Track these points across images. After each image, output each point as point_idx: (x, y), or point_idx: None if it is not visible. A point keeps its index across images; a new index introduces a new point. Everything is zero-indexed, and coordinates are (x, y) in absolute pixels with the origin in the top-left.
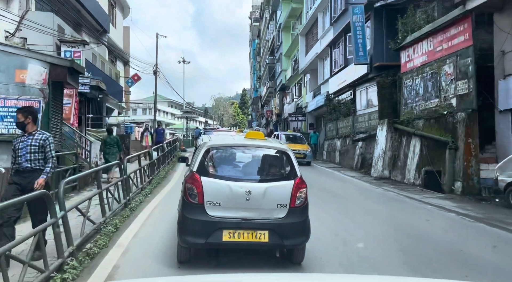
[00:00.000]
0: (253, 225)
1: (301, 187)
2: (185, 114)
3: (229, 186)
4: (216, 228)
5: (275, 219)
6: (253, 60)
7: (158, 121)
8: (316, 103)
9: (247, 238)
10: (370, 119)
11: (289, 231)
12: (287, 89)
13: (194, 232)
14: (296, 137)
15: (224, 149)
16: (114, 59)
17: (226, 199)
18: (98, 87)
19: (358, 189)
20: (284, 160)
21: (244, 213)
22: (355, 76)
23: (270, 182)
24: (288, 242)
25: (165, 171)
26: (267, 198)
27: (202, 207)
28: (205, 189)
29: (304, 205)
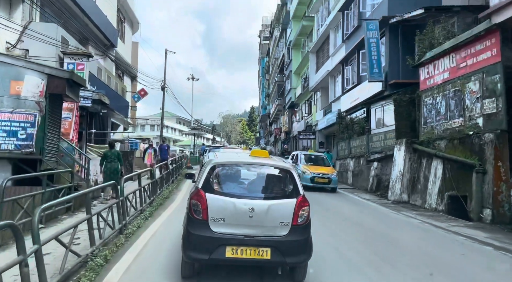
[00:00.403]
0: (256, 242)
1: (304, 205)
2: (193, 131)
3: (233, 202)
4: (219, 244)
5: (277, 236)
6: (262, 78)
7: (162, 137)
8: (327, 121)
9: (250, 254)
10: (386, 138)
11: (291, 249)
12: (296, 107)
13: (198, 247)
14: (318, 158)
15: (230, 167)
16: (121, 74)
17: (230, 216)
18: (101, 101)
19: (377, 215)
20: (287, 178)
21: (247, 230)
22: (369, 94)
23: (273, 199)
24: (290, 260)
25: (168, 190)
26: (270, 215)
27: (206, 223)
28: (209, 205)
29: (306, 223)
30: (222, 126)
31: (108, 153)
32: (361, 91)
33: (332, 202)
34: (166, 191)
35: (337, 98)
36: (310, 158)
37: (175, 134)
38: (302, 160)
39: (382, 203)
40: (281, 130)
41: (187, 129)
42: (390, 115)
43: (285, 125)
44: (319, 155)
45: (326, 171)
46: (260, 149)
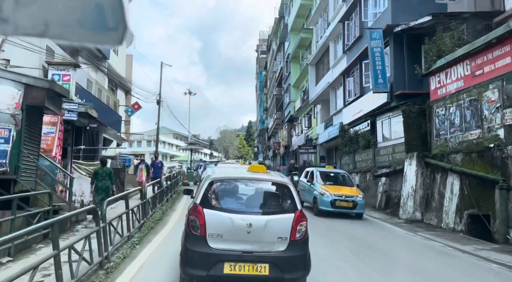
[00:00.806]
0: (254, 257)
1: (301, 220)
2: (190, 146)
3: (231, 218)
4: (217, 260)
5: (275, 252)
6: (259, 92)
7: (154, 153)
8: (328, 135)
9: (248, 271)
10: (395, 152)
11: (289, 264)
12: (295, 121)
13: (196, 264)
14: (338, 176)
15: (227, 182)
16: (114, 87)
17: (227, 231)
18: (88, 114)
19: (393, 237)
20: (285, 193)
21: (245, 246)
22: (373, 106)
23: (271, 214)
24: (288, 276)
25: (162, 211)
26: (268, 230)
27: (204, 239)
28: (207, 221)
29: (304, 238)
30: (220, 141)
31: (99, 170)
32: (364, 103)
33: (340, 222)
34: (159, 211)
35: (338, 111)
36: (329, 176)
37: (172, 150)
38: (319, 179)
39: (394, 222)
40: (280, 144)
41: (184, 145)
42: (398, 127)
43: (284, 139)
44: (339, 172)
45: (350, 192)
46: (258, 164)
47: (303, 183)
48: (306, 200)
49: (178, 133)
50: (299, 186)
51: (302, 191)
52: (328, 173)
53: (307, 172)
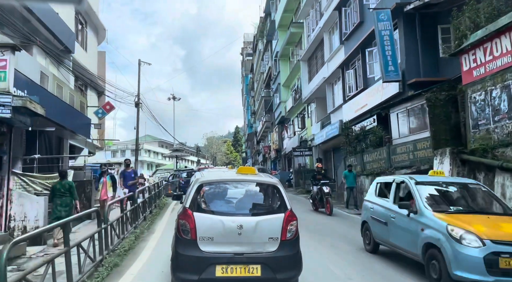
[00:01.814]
0: (246, 259)
1: (291, 220)
2: (175, 153)
3: (221, 220)
4: (209, 264)
5: (266, 252)
6: (246, 95)
7: (125, 160)
8: (326, 134)
9: (240, 273)
10: (417, 149)
11: (281, 264)
12: (287, 122)
13: (187, 268)
14: (464, 194)
15: (216, 184)
16: (83, 87)
17: (218, 234)
18: (30, 111)
19: None
20: (274, 193)
21: (236, 248)
22: (381, 98)
23: (261, 215)
24: (280, 276)
25: (135, 235)
26: (259, 231)
27: (195, 243)
28: (197, 224)
29: (295, 238)
30: (207, 148)
31: (57, 185)
32: (370, 96)
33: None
34: (131, 237)
35: (337, 108)
36: (446, 194)
37: (157, 158)
38: (427, 200)
39: None
40: (270, 148)
41: (168, 152)
42: (419, 120)
43: (275, 142)
44: (465, 182)
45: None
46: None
47: (377, 206)
48: (392, 243)
49: (163, 141)
50: (363, 210)
51: (375, 222)
52: (442, 184)
53: (384, 184)
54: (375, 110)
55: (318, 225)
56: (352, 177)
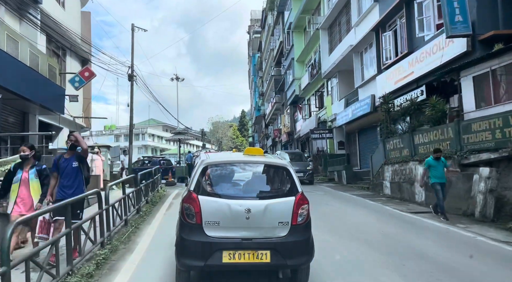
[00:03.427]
0: (254, 244)
1: (303, 203)
2: (177, 136)
3: (228, 204)
4: (215, 249)
5: (276, 237)
6: (253, 77)
7: (69, 134)
8: (352, 113)
9: (248, 258)
10: (509, 125)
11: (291, 250)
12: (300, 102)
13: (193, 254)
14: None
15: (222, 166)
16: (59, 51)
17: (225, 218)
18: None
19: None
20: (284, 176)
21: (244, 233)
22: (440, 61)
23: (270, 199)
24: (291, 262)
25: (96, 261)
26: (268, 215)
27: (201, 227)
28: (203, 208)
29: (306, 222)
30: (213, 133)
31: (17, 165)
32: (418, 62)
33: (439, 250)
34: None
35: (368, 81)
36: None
37: (161, 143)
38: None
39: None
40: (281, 131)
41: (170, 135)
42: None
43: (286, 125)
44: None
45: None
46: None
47: None
48: None
49: (168, 125)
50: None
51: None
52: None
53: None
54: (436, 75)
55: None
56: (443, 168)
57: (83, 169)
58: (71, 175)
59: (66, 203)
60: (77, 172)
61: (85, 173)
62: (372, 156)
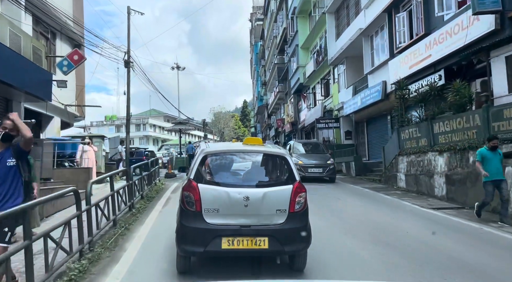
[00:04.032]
0: (252, 231)
1: (300, 191)
2: (177, 126)
3: (227, 192)
4: (214, 236)
5: (274, 224)
6: (255, 66)
7: (4, 122)
8: (362, 101)
9: (247, 245)
10: None
11: (289, 237)
12: (305, 90)
13: (193, 240)
14: None
15: (222, 155)
16: (48, 34)
17: (224, 206)
18: None
19: None
20: (282, 165)
21: (243, 220)
22: (464, 41)
23: (268, 187)
24: (288, 248)
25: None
26: (266, 203)
27: (200, 215)
28: (202, 196)
29: (303, 210)
30: (215, 123)
31: None
32: (437, 43)
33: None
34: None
35: (379, 66)
36: None
37: (163, 134)
38: None
39: None
40: (284, 121)
41: (170, 125)
42: None
43: (290, 115)
44: None
45: None
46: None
47: None
48: None
49: (169, 116)
50: None
51: None
52: None
53: None
54: (460, 56)
55: None
56: (499, 161)
57: (22, 169)
58: (2, 178)
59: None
60: (13, 173)
61: (25, 175)
62: (385, 147)
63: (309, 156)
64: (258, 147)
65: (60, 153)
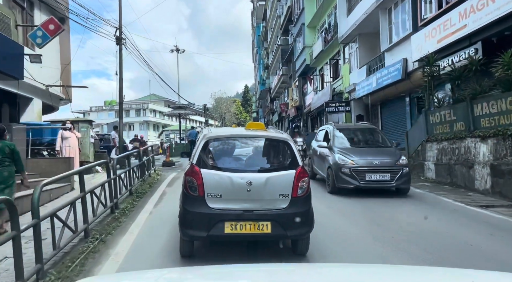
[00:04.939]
0: (255, 216)
1: (303, 176)
2: (177, 111)
3: (229, 177)
4: (217, 220)
5: (277, 209)
6: (257, 48)
7: None
8: (377, 82)
9: (250, 229)
10: None
11: (292, 221)
12: (311, 72)
13: (196, 225)
14: None
15: (224, 140)
16: (26, 3)
17: (227, 191)
18: None
19: None
20: (285, 150)
21: (245, 204)
22: (507, 8)
23: (271, 172)
24: (291, 233)
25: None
26: (269, 188)
27: (203, 200)
28: (205, 181)
29: (306, 195)
30: (216, 109)
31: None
32: (474, 11)
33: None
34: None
35: (399, 42)
36: None
37: (163, 119)
38: None
39: None
40: (288, 105)
41: (169, 110)
42: None
43: (294, 99)
44: None
45: None
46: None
47: None
48: None
49: (169, 101)
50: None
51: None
52: None
53: None
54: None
55: None
56: None
57: None
58: None
59: None
60: None
61: None
62: (408, 132)
63: (363, 151)
64: (260, 132)
65: (37, 140)
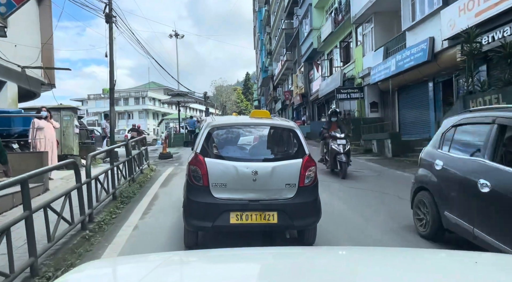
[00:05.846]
0: (261, 206)
1: (310, 165)
2: (175, 99)
3: (234, 166)
4: (222, 211)
5: (283, 199)
6: (259, 34)
7: None
8: (397, 65)
9: (256, 219)
10: None
11: (298, 211)
12: (318, 57)
13: (200, 215)
14: None
15: (228, 129)
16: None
17: (232, 180)
18: None
19: None
20: (291, 138)
21: (251, 194)
22: None
23: (277, 161)
24: (298, 223)
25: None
26: (275, 177)
27: (208, 189)
28: (209, 170)
29: (313, 184)
30: (216, 97)
31: None
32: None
33: None
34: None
35: (424, 19)
36: None
37: (163, 107)
38: None
39: None
40: (292, 93)
41: (167, 97)
42: None
43: (299, 86)
44: None
45: None
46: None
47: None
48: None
49: (169, 89)
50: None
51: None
52: None
53: None
54: None
55: None
56: None
57: None
58: None
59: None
60: None
61: None
62: (443, 121)
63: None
64: (265, 120)
65: (4, 131)
